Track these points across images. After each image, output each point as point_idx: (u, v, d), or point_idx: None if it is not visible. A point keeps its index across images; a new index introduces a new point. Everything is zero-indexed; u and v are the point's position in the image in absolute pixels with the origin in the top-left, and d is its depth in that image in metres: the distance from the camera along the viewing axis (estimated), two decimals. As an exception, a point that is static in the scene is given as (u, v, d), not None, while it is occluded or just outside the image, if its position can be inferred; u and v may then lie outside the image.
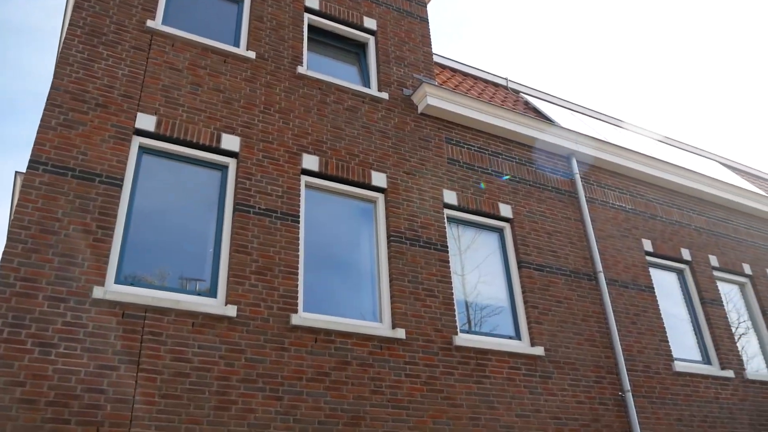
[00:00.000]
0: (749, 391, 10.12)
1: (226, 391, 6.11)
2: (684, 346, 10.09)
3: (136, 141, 6.95)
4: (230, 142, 7.39)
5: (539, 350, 8.13)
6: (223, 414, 5.99)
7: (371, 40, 9.71)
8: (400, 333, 7.22)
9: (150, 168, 6.98)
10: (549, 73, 53.62)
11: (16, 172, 12.92)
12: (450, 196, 8.65)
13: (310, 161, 7.81)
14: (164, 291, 6.37)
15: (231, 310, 6.40)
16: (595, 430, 8.09)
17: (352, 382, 6.75)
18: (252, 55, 8.13)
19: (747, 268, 11.84)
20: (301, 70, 8.41)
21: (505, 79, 12.85)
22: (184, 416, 5.81)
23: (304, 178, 7.74)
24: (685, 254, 10.95)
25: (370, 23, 9.75)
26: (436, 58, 11.98)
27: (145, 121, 7.01)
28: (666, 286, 10.58)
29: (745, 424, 9.71)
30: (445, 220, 8.51)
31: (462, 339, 7.62)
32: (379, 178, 8.20)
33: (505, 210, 9.06)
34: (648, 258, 10.45)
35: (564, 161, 10.33)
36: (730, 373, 9.99)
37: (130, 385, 5.72)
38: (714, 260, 11.34)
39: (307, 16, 9.24)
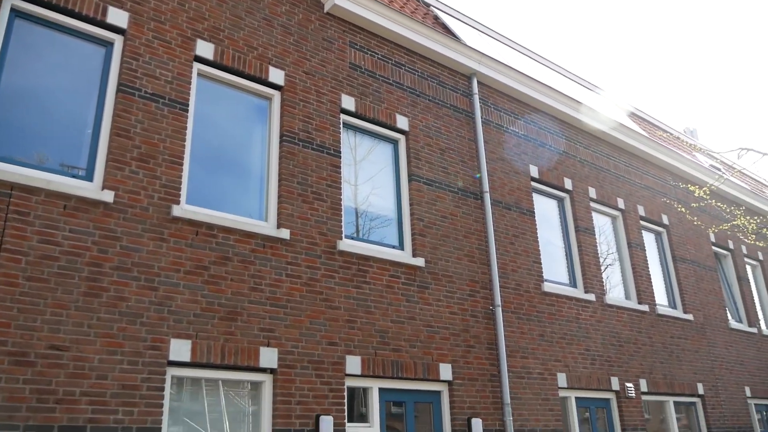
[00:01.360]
0: (606, 314, 10.98)
1: (98, 277, 5.91)
2: (554, 269, 10.74)
3: (8, 3, 6.29)
4: (117, 16, 6.84)
5: (420, 261, 8.38)
6: (93, 300, 5.82)
7: (282, -72, 9.14)
8: (285, 233, 7.20)
9: (23, 36, 6.36)
10: (464, -6, 53.15)
11: None
12: (348, 102, 8.53)
13: (205, 48, 7.39)
14: (34, 169, 5.96)
15: (107, 196, 6.11)
16: (463, 340, 8.55)
17: (231, 277, 6.71)
18: (148, -76, 7.45)
19: (621, 203, 12.61)
20: (203, -52, 7.82)
21: (418, -10, 12.57)
22: (50, 300, 5.59)
23: (196, 66, 7.34)
24: (567, 184, 11.48)
25: None
26: (349, -41, 11.49)
27: (20, -19, 6.33)
28: (546, 211, 11.11)
29: (598, 343, 10.59)
30: (341, 126, 8.40)
31: (346, 244, 7.72)
32: (276, 75, 7.92)
33: (402, 122, 9.07)
34: (533, 184, 10.87)
35: (465, 80, 10.39)
36: (591, 297, 10.77)
37: (-9, 264, 5.40)
38: (593, 192, 11.97)
39: None
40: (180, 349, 6.16)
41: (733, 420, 12.97)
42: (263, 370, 6.72)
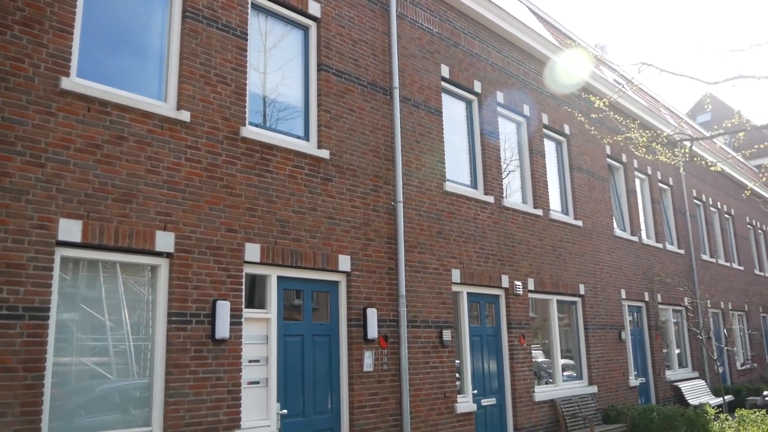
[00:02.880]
0: (502, 216, 11.43)
1: (-23, 149, 5.51)
2: (457, 170, 10.96)
3: None
4: None
5: (325, 153, 8.32)
6: (-28, 174, 5.45)
7: None
8: (185, 115, 6.91)
9: None
10: None
11: None
12: (258, -19, 8.07)
13: None
14: None
15: (-14, 61, 5.61)
16: (364, 233, 8.70)
17: (126, 158, 6.44)
18: None
19: (526, 110, 12.87)
20: None
21: None
22: None
23: (89, -76, 6.67)
24: (477, 86, 11.55)
25: None
26: None
27: None
28: (453, 112, 11.19)
29: (493, 243, 11.06)
30: (249, 6, 7.96)
31: (249, 131, 7.52)
32: (180, -56, 7.34)
33: (314, 8, 8.70)
34: (443, 84, 10.87)
35: (382, -30, 10.03)
36: (490, 199, 11.14)
37: None
38: (500, 97, 12.13)
39: None
40: (70, 229, 5.94)
41: (607, 318, 14.11)
42: (159, 254, 6.61)
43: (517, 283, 11.39)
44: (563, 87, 14.12)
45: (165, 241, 6.58)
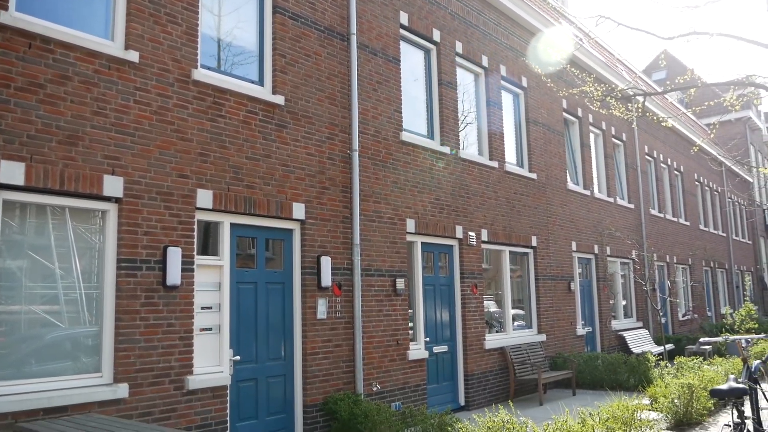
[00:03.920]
0: (458, 167, 11.48)
1: None
2: (414, 119, 10.91)
3: None
4: None
5: (279, 99, 8.16)
6: None
7: None
8: (133, 56, 6.66)
9: None
10: None
11: None
12: None
13: None
14: None
15: None
16: (318, 181, 8.63)
17: (71, 99, 6.19)
18: None
19: (485, 60, 12.81)
20: None
21: None
22: None
23: None
24: (436, 35, 11.42)
25: None
26: None
27: None
28: (411, 61, 11.07)
29: (448, 193, 11.13)
30: (201, -57, 7.65)
31: (201, 74, 7.31)
32: None
33: (270, -52, 8.42)
34: (401, 31, 10.70)
35: None
36: (446, 150, 11.14)
37: None
38: (459, 47, 12.03)
39: None
40: (13, 171, 5.72)
41: (557, 270, 14.45)
42: (108, 199, 6.45)
43: (471, 233, 11.52)
44: (521, 37, 14.05)
45: (113, 185, 6.41)
